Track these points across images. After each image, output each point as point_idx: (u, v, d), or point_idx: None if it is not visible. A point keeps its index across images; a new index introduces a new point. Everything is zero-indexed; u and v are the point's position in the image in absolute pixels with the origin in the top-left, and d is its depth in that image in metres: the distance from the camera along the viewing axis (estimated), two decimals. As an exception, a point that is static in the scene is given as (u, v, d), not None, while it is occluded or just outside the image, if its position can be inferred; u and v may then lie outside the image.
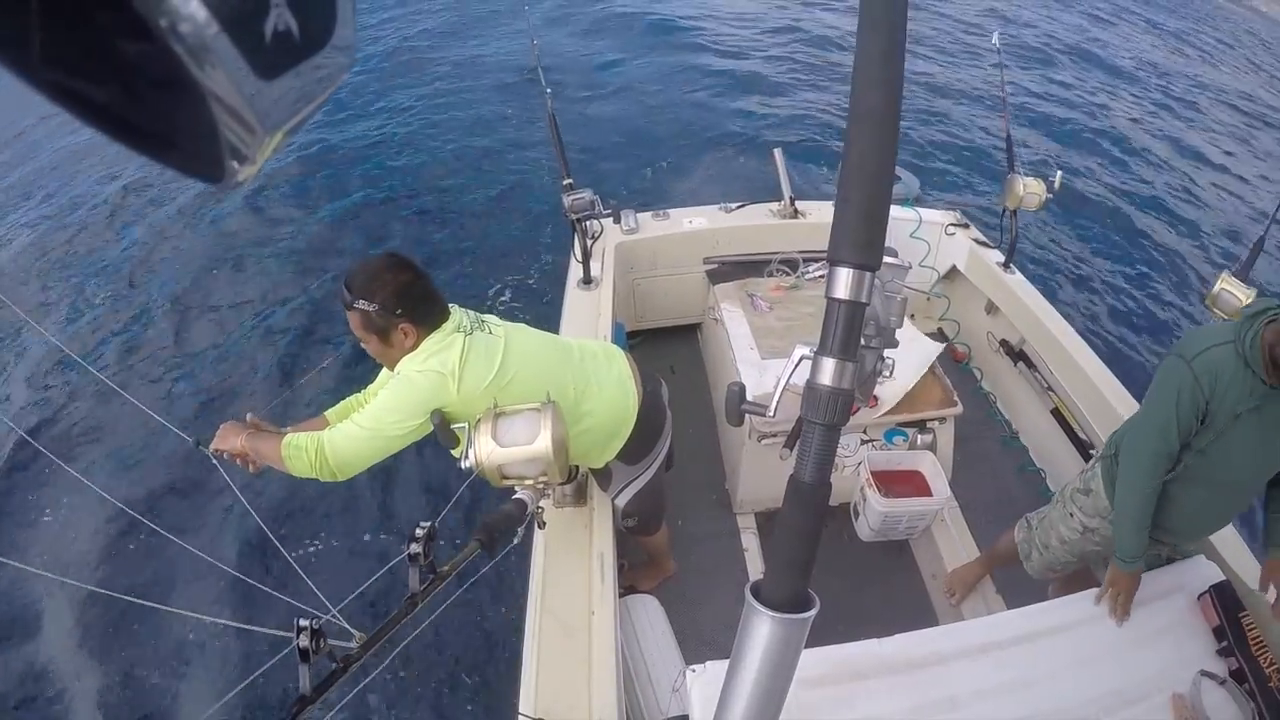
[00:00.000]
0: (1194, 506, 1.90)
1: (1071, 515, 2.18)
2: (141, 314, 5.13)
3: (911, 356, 2.78)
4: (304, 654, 1.13)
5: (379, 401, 1.67)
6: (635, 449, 2.04)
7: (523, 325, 1.92)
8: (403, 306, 1.63)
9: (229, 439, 1.74)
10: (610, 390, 1.95)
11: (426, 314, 1.69)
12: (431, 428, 1.68)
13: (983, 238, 3.62)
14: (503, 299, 5.12)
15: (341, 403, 1.98)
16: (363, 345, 1.72)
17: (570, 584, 1.95)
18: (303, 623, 1.14)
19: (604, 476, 2.13)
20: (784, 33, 11.20)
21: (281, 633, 1.20)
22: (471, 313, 1.83)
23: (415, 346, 1.68)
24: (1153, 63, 12.25)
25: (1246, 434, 1.74)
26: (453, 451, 1.69)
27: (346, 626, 1.31)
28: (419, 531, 1.36)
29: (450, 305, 1.77)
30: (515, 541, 1.53)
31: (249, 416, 1.82)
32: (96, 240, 6.13)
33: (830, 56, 10.23)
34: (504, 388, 1.71)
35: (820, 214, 3.63)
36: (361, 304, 1.61)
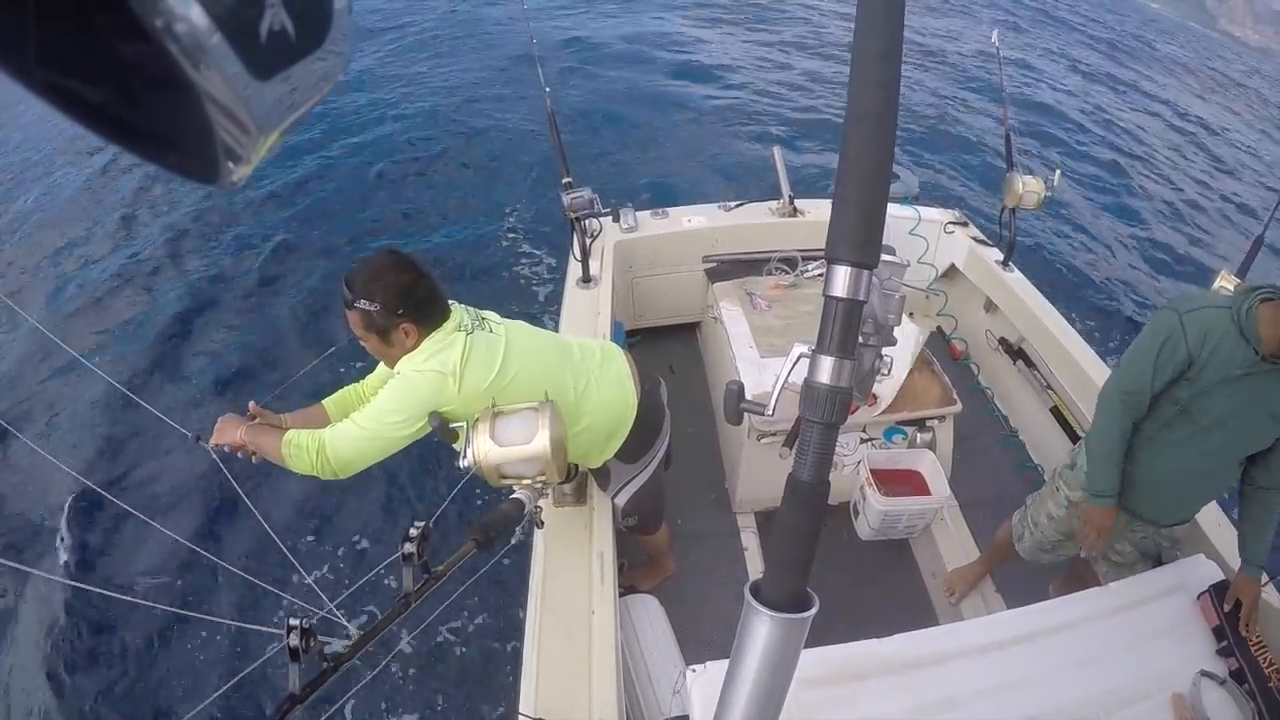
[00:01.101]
0: (1173, 464, 1.92)
1: (1058, 489, 2.21)
2: (136, 307, 5.12)
3: (901, 347, 2.78)
4: (294, 653, 1.13)
5: (379, 401, 1.66)
6: (634, 447, 2.04)
7: (522, 323, 1.91)
8: (404, 306, 1.62)
9: (228, 433, 1.72)
10: (609, 389, 1.95)
11: (428, 314, 1.67)
12: (431, 429, 1.67)
13: (981, 236, 3.62)
14: (501, 297, 5.12)
15: (339, 392, 1.97)
16: (362, 344, 1.71)
17: (570, 584, 1.95)
18: (293, 622, 1.14)
19: (602, 475, 2.12)
20: (779, 30, 11.21)
21: (274, 630, 1.20)
22: (471, 309, 1.82)
23: (416, 346, 1.67)
24: (1151, 73, 12.27)
25: (1230, 400, 1.76)
26: (455, 445, 1.69)
27: (344, 623, 1.31)
28: (413, 531, 1.36)
29: (451, 302, 1.76)
30: (512, 541, 1.53)
31: (251, 405, 1.81)
32: (86, 230, 6.12)
33: (829, 55, 10.23)
34: (504, 388, 1.71)
35: (819, 212, 3.63)
36: (362, 304, 1.60)
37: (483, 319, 1.80)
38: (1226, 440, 1.84)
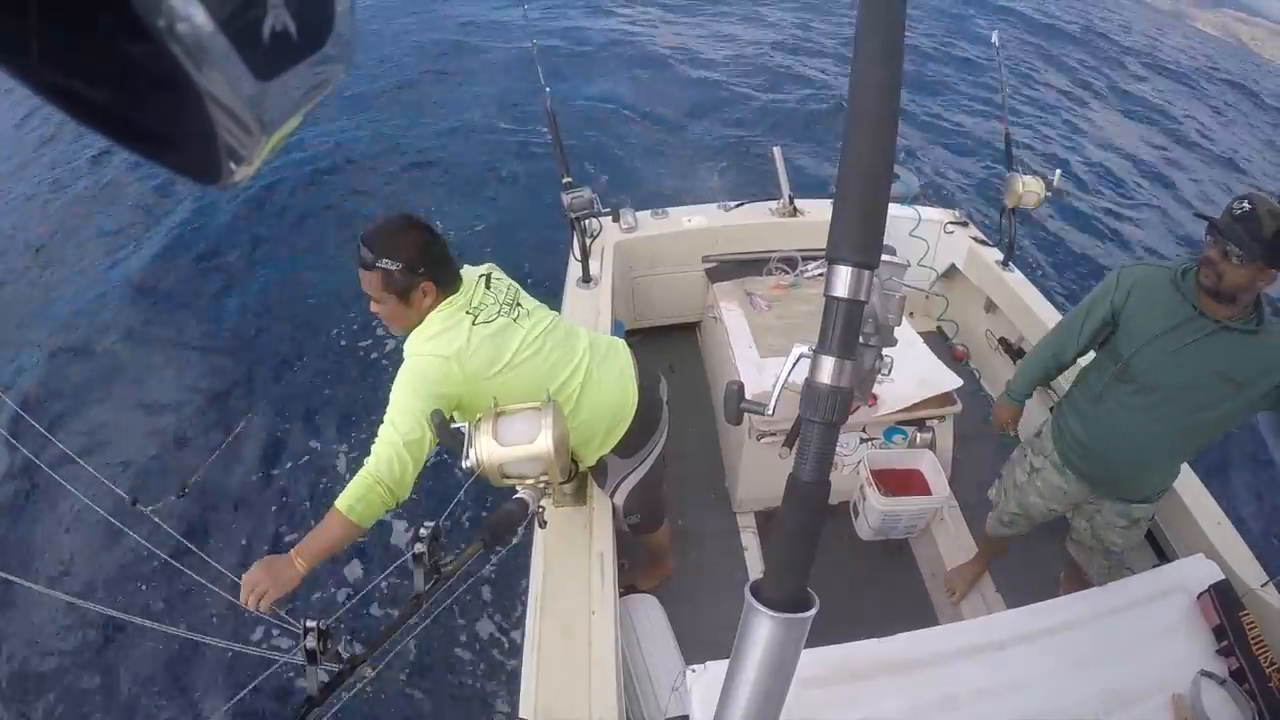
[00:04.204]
0: (1119, 423, 1.96)
1: (1025, 455, 2.33)
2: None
3: (921, 371, 2.77)
4: (311, 655, 1.12)
5: (395, 406, 1.66)
6: (630, 443, 2.05)
7: (547, 316, 1.92)
8: (425, 265, 1.66)
9: (286, 577, 1.52)
10: (609, 386, 1.96)
11: (446, 274, 1.72)
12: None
13: (982, 236, 3.62)
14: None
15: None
16: (373, 309, 1.72)
17: (570, 584, 1.95)
18: (309, 624, 1.13)
19: (599, 471, 2.13)
20: (783, 29, 11.22)
21: (262, 651, 1.19)
22: (509, 286, 1.86)
23: (433, 306, 1.71)
24: (1151, 64, 12.27)
25: (1169, 358, 1.81)
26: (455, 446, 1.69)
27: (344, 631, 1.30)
28: (423, 531, 1.36)
29: (497, 277, 1.83)
30: (515, 540, 1.53)
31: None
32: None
33: (831, 54, 10.24)
34: (508, 376, 1.74)
35: (819, 212, 3.63)
36: (385, 263, 1.62)
37: (517, 304, 1.84)
38: (1172, 399, 1.85)
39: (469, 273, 1.84)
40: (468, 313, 1.72)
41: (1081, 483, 2.14)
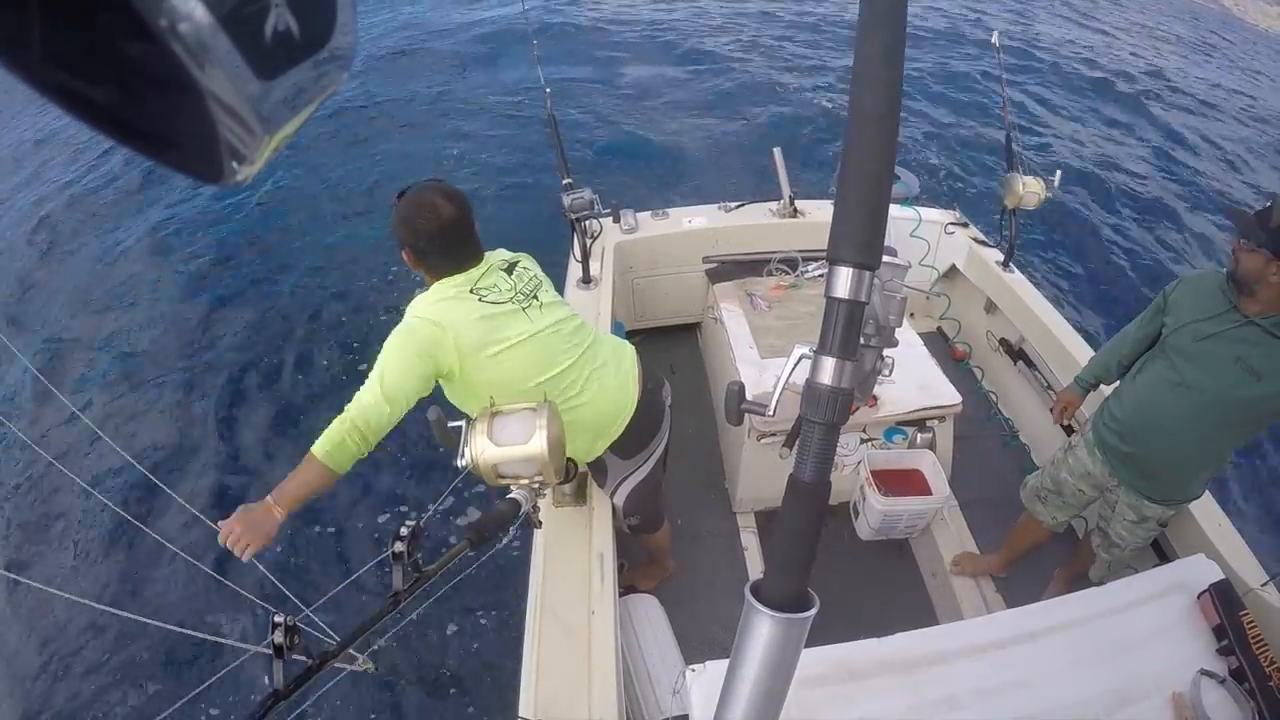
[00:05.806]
0: (1149, 390, 2.08)
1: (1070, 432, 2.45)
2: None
3: (922, 377, 2.77)
4: (278, 650, 1.13)
5: (384, 360, 1.68)
6: (631, 444, 2.05)
7: (561, 313, 1.91)
8: (418, 255, 1.74)
9: (264, 525, 1.53)
10: (610, 387, 1.96)
11: (439, 266, 1.77)
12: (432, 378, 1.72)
13: (982, 236, 3.62)
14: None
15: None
16: None
17: (570, 584, 1.95)
18: (277, 619, 1.13)
19: (599, 470, 2.13)
20: (781, 29, 11.22)
21: (243, 645, 1.19)
22: (532, 278, 1.89)
23: (435, 278, 1.78)
24: (1154, 64, 12.27)
25: (1199, 333, 1.96)
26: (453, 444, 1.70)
27: (326, 629, 1.30)
28: (403, 530, 1.36)
29: (525, 265, 1.89)
30: (505, 541, 1.53)
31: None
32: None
33: (829, 53, 10.24)
34: (501, 358, 1.76)
35: (820, 213, 3.63)
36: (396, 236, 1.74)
37: (534, 296, 1.85)
38: (1197, 378, 1.95)
39: (496, 255, 1.88)
40: (472, 290, 1.75)
41: (1106, 465, 2.21)
